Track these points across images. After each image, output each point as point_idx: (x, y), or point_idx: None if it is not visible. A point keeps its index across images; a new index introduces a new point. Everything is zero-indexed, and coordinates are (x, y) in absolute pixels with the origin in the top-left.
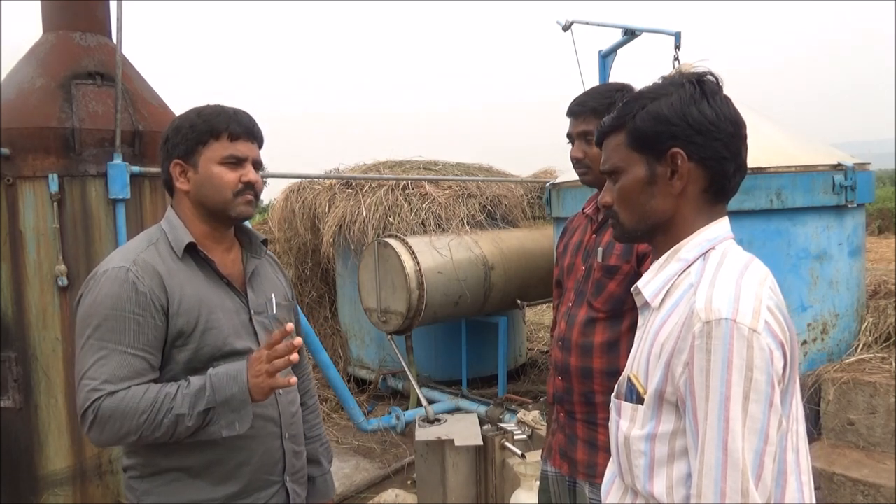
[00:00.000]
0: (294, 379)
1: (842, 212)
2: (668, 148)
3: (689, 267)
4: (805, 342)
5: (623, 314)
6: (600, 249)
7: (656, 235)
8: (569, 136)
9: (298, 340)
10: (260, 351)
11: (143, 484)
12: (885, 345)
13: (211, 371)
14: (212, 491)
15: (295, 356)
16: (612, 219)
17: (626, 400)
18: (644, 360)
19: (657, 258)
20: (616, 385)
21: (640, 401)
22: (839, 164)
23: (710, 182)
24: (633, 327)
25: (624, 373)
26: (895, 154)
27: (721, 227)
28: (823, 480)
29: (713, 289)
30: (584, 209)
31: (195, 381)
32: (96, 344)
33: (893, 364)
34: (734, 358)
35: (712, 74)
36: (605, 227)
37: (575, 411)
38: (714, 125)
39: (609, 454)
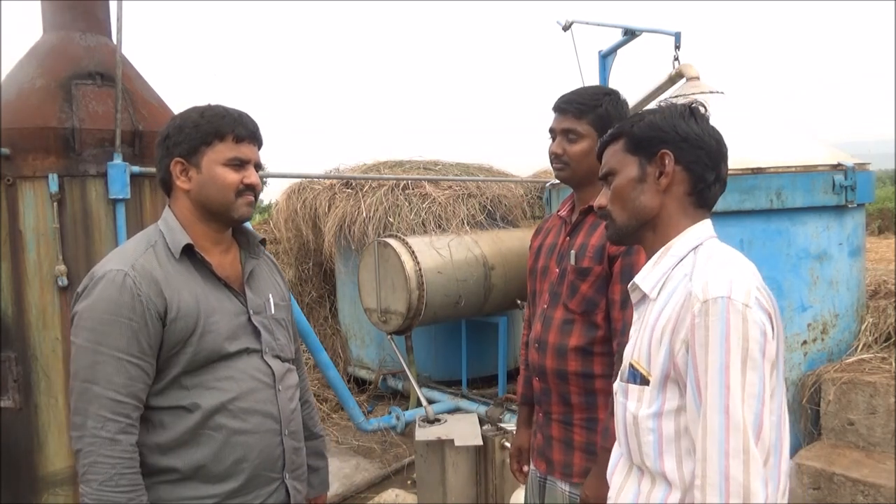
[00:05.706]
0: None
1: (842, 212)
2: (658, 150)
3: (681, 261)
4: (805, 342)
5: (596, 316)
6: (573, 252)
7: (646, 233)
8: (551, 131)
9: None
10: None
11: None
12: (885, 345)
13: None
14: (211, 488)
15: None
16: (606, 219)
17: (631, 383)
18: (645, 345)
19: (650, 256)
20: (619, 372)
21: (645, 382)
22: (839, 164)
23: (692, 186)
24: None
25: (624, 361)
26: (895, 154)
27: (706, 228)
28: (823, 480)
29: (708, 274)
30: (558, 211)
31: None
32: (91, 347)
33: (893, 364)
34: (731, 331)
35: (702, 104)
36: (579, 230)
37: (552, 412)
38: (699, 137)
39: (586, 454)
